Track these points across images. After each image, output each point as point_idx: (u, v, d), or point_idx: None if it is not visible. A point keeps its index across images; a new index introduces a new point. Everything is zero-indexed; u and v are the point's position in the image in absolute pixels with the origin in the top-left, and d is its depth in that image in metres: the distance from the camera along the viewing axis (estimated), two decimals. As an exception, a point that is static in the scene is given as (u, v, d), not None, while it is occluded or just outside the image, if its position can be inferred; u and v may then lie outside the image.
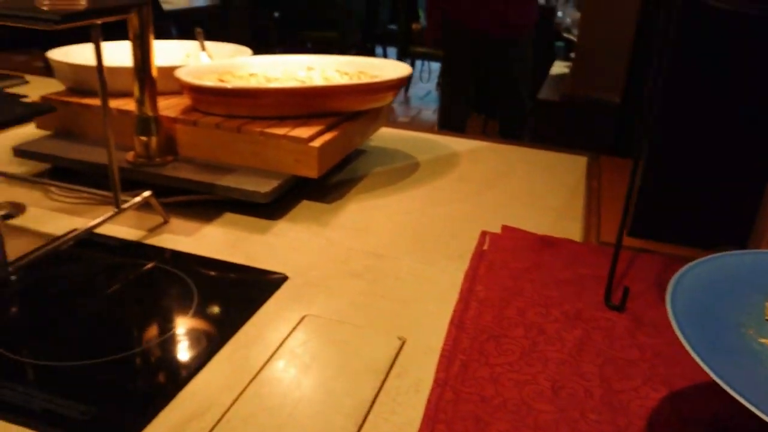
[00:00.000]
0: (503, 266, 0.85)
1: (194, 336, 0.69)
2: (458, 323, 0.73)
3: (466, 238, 0.93)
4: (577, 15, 3.41)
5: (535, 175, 1.20)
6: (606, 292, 0.79)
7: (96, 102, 1.08)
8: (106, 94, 0.82)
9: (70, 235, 0.80)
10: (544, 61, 3.97)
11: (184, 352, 0.67)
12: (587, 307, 0.77)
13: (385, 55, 5.84)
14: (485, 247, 0.91)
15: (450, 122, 2.64)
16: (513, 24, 2.40)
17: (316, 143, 0.98)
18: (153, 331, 0.71)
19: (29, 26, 0.69)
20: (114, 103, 1.09)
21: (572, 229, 0.98)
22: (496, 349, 0.69)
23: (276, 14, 5.80)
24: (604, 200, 1.09)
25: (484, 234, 0.94)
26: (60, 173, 1.07)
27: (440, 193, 1.09)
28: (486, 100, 2.61)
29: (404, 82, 1.15)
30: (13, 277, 0.75)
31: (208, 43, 1.35)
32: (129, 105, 1.06)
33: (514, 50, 2.43)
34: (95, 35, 0.77)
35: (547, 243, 0.92)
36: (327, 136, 1.01)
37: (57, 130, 1.12)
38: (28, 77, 1.67)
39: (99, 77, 0.80)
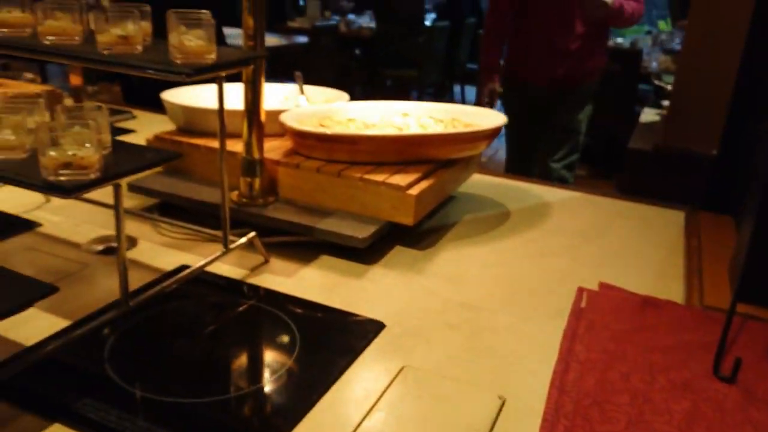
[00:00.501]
0: (604, 327, 0.83)
1: (296, 382, 0.71)
2: (559, 386, 0.72)
3: (562, 294, 0.92)
4: (666, 60, 3.34)
5: (632, 229, 1.17)
6: (715, 361, 0.76)
7: (204, 142, 1.14)
8: (224, 137, 0.86)
9: (184, 274, 0.84)
10: (626, 102, 3.89)
11: (286, 399, 0.69)
12: (695, 377, 0.74)
13: (463, 95, 5.88)
14: (583, 305, 0.89)
15: (516, 170, 2.55)
16: (571, 76, 2.26)
17: (414, 191, 0.99)
18: (257, 374, 0.73)
19: (163, 78, 0.74)
20: (218, 144, 1.14)
21: (673, 290, 0.95)
22: (601, 415, 0.67)
23: (357, 51, 5.96)
24: (706, 260, 1.05)
25: (581, 291, 0.93)
26: (166, 208, 1.13)
27: (534, 245, 1.09)
28: (545, 142, 2.47)
29: (500, 132, 1.16)
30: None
31: (306, 87, 1.40)
32: (235, 146, 1.11)
33: (573, 96, 2.29)
34: (219, 85, 0.81)
35: (648, 304, 0.89)
36: (423, 184, 1.02)
37: (166, 167, 1.19)
38: (135, 112, 1.77)
39: (220, 122, 0.84)
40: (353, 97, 1.35)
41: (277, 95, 1.40)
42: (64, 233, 1.05)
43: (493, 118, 1.20)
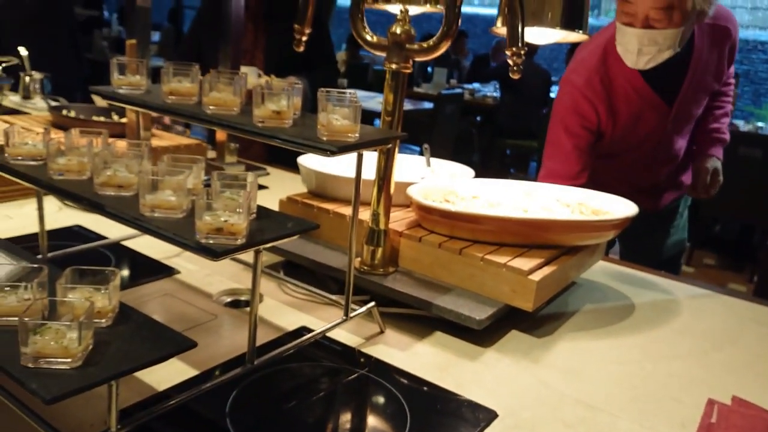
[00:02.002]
0: (737, 448, 0.77)
1: (406, 461, 0.71)
2: None
3: (689, 404, 0.86)
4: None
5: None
6: None
7: (334, 207, 1.19)
8: (358, 206, 0.90)
9: (305, 339, 0.88)
10: (764, 190, 3.64)
11: (395, 477, 0.69)
12: None
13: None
14: (713, 420, 0.83)
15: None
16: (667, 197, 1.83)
17: (536, 276, 0.98)
18: (367, 447, 0.74)
19: (309, 152, 0.79)
20: (346, 210, 1.19)
21: (819, 415, 0.86)
22: None
23: (478, 118, 6.04)
24: None
25: (711, 403, 0.86)
26: (290, 265, 1.18)
27: (659, 346, 1.03)
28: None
29: (631, 221, 1.12)
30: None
31: (433, 160, 1.43)
32: (361, 214, 1.16)
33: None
34: (359, 159, 0.86)
35: (790, 429, 0.81)
36: (546, 270, 1.01)
37: (295, 227, 1.25)
38: (269, 169, 1.89)
39: (355, 193, 0.88)
40: (472, 163, 1.36)
41: (403, 166, 1.45)
42: (198, 282, 1.12)
43: (623, 206, 1.17)
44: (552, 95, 5.49)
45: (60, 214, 1.37)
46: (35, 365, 0.59)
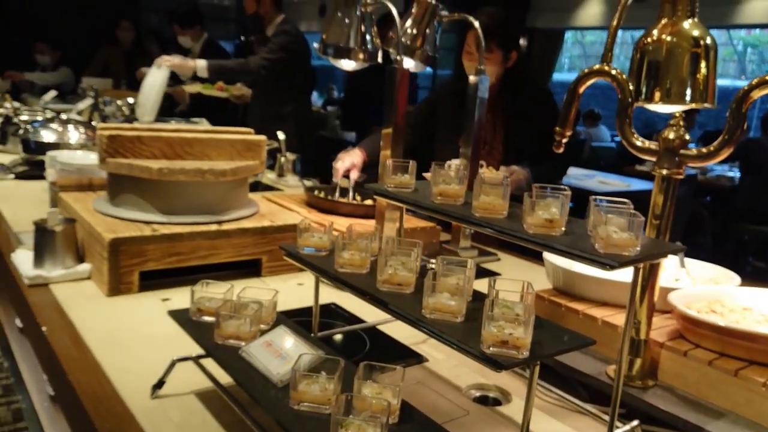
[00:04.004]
0: None
1: None
2: None
3: None
4: None
5: None
6: None
7: (584, 308, 1.16)
8: (631, 319, 0.86)
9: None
10: None
11: None
12: None
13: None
14: None
15: None
16: None
17: (835, 414, 0.85)
18: None
19: (585, 264, 0.79)
20: (597, 312, 1.16)
21: None
22: None
23: (708, 198, 5.55)
24: None
25: None
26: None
27: None
28: None
29: None
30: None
31: (687, 260, 1.34)
32: (614, 317, 1.11)
33: None
34: (635, 272, 0.83)
35: None
36: None
37: (539, 323, 1.24)
38: (500, 254, 1.91)
39: (629, 305, 0.84)
40: (702, 248, 1.24)
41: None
42: (446, 372, 1.15)
43: None
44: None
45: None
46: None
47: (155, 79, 3.08)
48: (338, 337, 1.27)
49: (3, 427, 2.61)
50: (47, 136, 2.54)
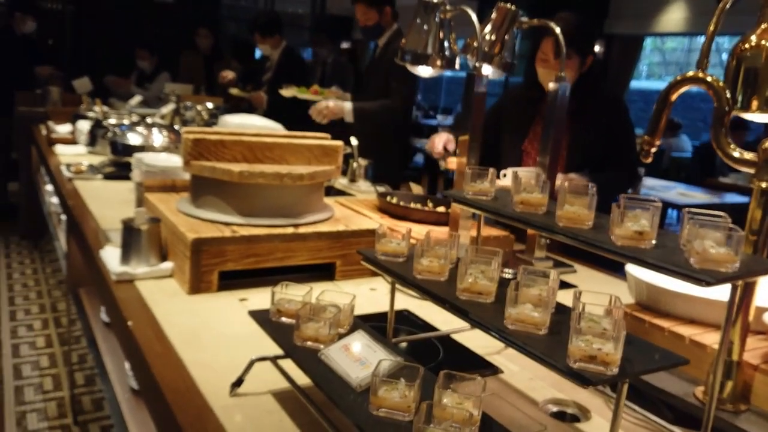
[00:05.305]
0: None
1: None
2: None
3: None
4: None
5: None
6: None
7: (669, 325, 1.12)
8: (727, 340, 0.82)
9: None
10: None
11: None
12: None
13: None
14: None
15: None
16: None
17: None
18: None
19: (677, 278, 0.76)
20: (684, 330, 1.11)
21: None
22: None
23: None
24: None
25: None
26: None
27: None
28: None
29: None
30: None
31: None
32: (703, 337, 1.06)
33: None
34: (733, 290, 0.79)
35: None
36: None
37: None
38: (576, 266, 1.86)
39: (725, 326, 0.80)
40: None
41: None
42: (522, 385, 1.12)
43: None
44: None
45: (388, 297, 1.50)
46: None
47: None
48: (414, 345, 1.26)
49: (85, 414, 2.74)
50: (133, 139, 2.65)
